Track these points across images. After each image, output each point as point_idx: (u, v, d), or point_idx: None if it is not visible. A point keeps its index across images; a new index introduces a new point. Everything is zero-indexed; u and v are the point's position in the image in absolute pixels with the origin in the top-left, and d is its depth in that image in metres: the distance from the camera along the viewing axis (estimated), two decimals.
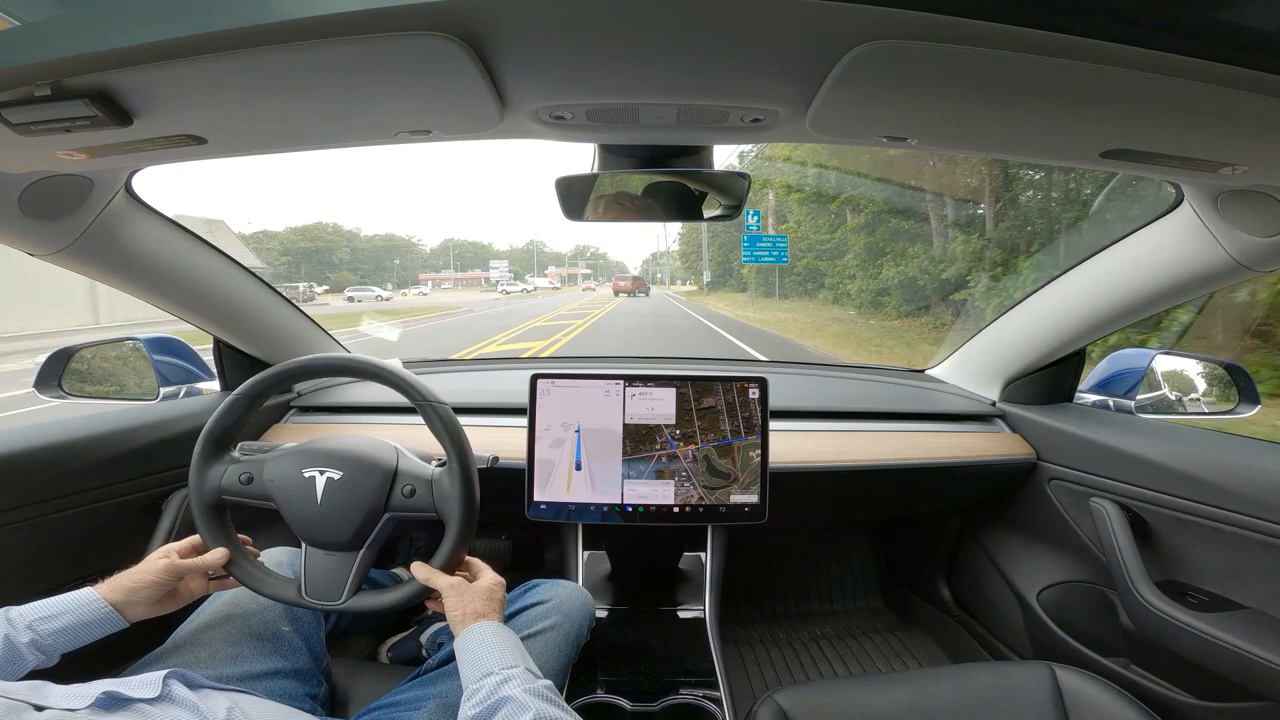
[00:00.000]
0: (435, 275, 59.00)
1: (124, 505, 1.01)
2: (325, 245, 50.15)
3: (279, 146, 0.70)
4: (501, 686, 0.60)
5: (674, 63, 0.51)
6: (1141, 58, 0.44)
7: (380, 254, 56.31)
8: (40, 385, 1.16)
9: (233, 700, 0.62)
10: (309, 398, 1.38)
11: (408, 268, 59.69)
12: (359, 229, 66.38)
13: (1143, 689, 1.03)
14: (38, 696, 0.52)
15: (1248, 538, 0.90)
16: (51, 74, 0.49)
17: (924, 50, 0.45)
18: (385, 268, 55.51)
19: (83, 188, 0.80)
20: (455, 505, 0.75)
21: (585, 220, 0.88)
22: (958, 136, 0.67)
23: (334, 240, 51.85)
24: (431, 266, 67.51)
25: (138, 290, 1.03)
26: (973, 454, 1.26)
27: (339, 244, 51.65)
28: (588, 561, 1.22)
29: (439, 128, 0.65)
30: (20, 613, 0.64)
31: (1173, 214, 0.90)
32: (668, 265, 47.56)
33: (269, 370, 0.81)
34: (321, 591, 0.76)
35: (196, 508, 0.78)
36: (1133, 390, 1.23)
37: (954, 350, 1.53)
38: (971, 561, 1.49)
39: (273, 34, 0.45)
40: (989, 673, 0.89)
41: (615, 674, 0.95)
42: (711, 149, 0.80)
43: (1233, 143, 0.60)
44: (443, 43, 0.46)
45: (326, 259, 51.24)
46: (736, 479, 1.05)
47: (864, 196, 12.22)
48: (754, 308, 16.05)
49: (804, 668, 1.50)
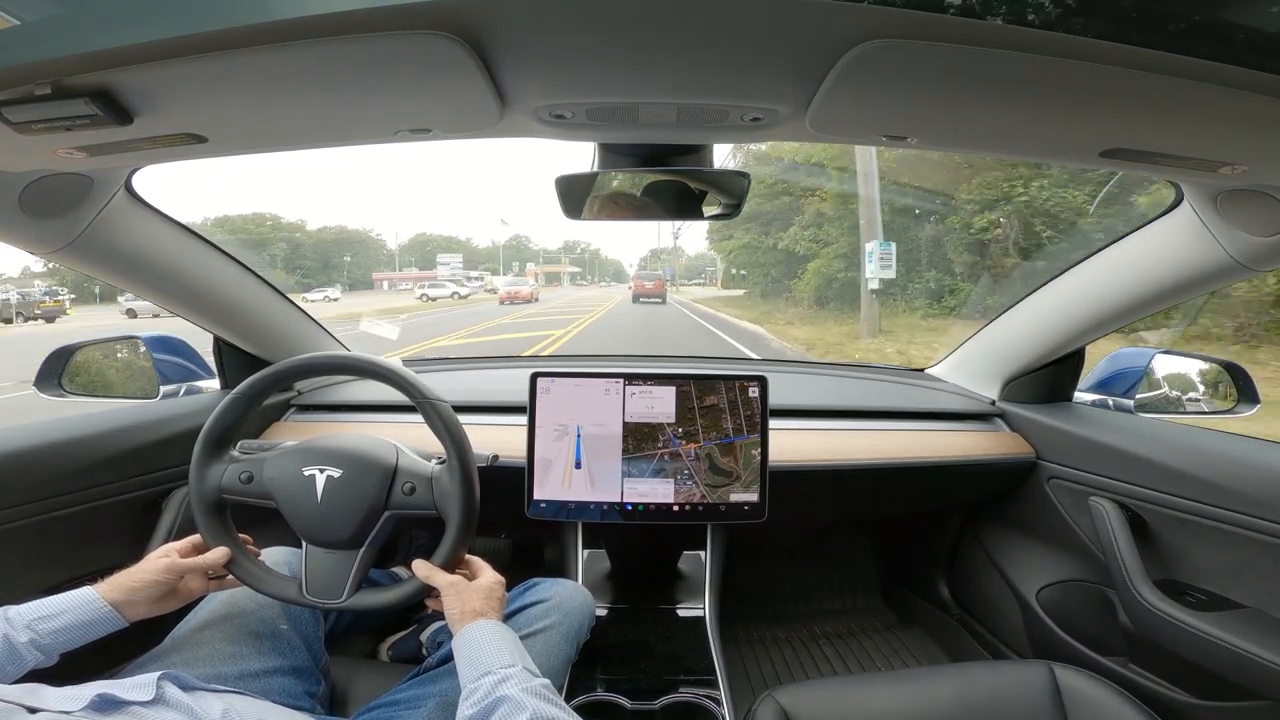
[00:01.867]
0: (394, 275, 49.47)
1: (124, 504, 1.01)
2: (255, 239, 42.05)
3: (279, 145, 0.70)
4: (499, 686, 0.60)
5: (674, 62, 0.52)
6: (1141, 58, 0.44)
7: (328, 250, 47.95)
8: (40, 384, 1.16)
9: (228, 702, 0.62)
10: (309, 396, 1.38)
11: (364, 265, 51.75)
12: (303, 221, 56.16)
13: (1142, 688, 1.03)
14: (32, 699, 0.52)
15: (1247, 537, 0.90)
16: (52, 73, 0.49)
17: (924, 50, 0.45)
18: (334, 265, 47.85)
19: (83, 186, 0.80)
20: (455, 502, 0.75)
21: (585, 219, 0.89)
22: (957, 136, 0.67)
23: (268, 234, 43.56)
24: (403, 263, 57.98)
25: (138, 288, 1.03)
26: (972, 453, 1.26)
27: (273, 238, 43.39)
28: (587, 560, 1.22)
29: (439, 126, 0.65)
30: (19, 612, 0.64)
31: (1172, 214, 0.90)
32: (672, 263, 43.73)
33: (269, 369, 0.81)
34: (322, 590, 0.76)
35: (197, 507, 0.78)
36: (1132, 389, 1.23)
37: (954, 349, 1.53)
38: (971, 561, 1.49)
39: (273, 33, 0.45)
40: (988, 672, 0.89)
41: (615, 672, 0.96)
42: (711, 148, 0.80)
43: (1232, 143, 0.60)
44: (443, 42, 0.46)
45: (255, 256, 41.37)
46: (739, 477, 1.05)
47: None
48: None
49: (804, 667, 1.50)
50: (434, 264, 57.49)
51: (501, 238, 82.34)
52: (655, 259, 58.04)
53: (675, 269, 42.47)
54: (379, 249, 58.36)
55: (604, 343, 9.94)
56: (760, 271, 16.38)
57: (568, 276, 69.60)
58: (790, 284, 14.28)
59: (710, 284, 55.94)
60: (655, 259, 58.04)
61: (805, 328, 11.05)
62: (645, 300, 20.76)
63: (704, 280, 56.89)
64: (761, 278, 16.49)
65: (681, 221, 1.04)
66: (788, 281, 14.47)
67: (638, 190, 0.86)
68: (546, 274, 67.62)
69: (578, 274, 74.80)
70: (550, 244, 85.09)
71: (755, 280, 17.32)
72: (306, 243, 45.96)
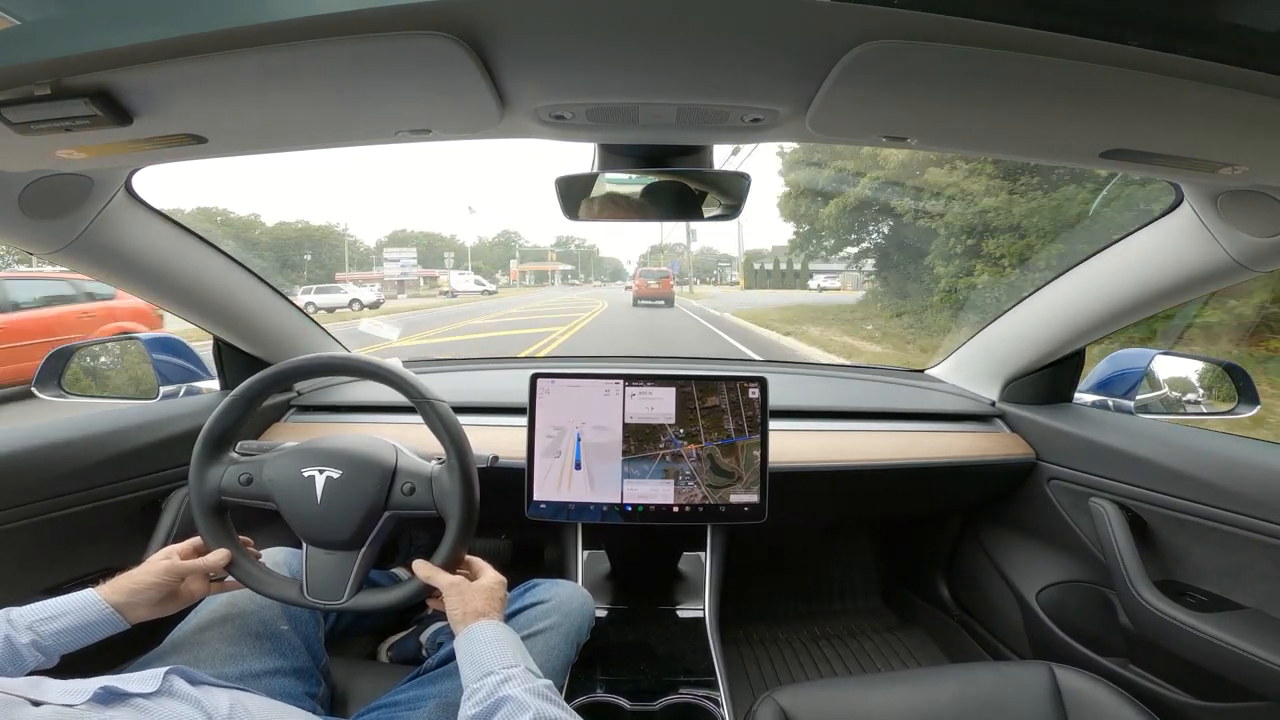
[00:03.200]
0: (360, 275, 39.10)
1: (124, 505, 1.01)
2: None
3: (279, 145, 0.70)
4: (502, 686, 0.60)
5: (674, 62, 0.52)
6: (1141, 58, 0.44)
7: (286, 248, 41.73)
8: (40, 385, 1.16)
9: (234, 697, 0.62)
10: (309, 397, 1.38)
11: (326, 264, 43.33)
12: (257, 215, 48.34)
13: (1141, 689, 1.03)
14: (35, 692, 0.52)
15: (1247, 538, 0.90)
16: (51, 73, 0.49)
17: (924, 50, 0.45)
18: (293, 264, 41.55)
19: (83, 187, 0.80)
20: (455, 502, 0.75)
21: (585, 219, 0.89)
22: (957, 136, 0.67)
23: (215, 230, 38.03)
24: (375, 262, 47.57)
25: (138, 289, 1.03)
26: (972, 454, 1.26)
27: (221, 235, 37.17)
28: (587, 561, 1.22)
29: (439, 127, 0.65)
30: (21, 613, 0.64)
31: (1172, 214, 0.90)
32: (680, 261, 39.50)
33: (268, 370, 0.81)
34: (323, 591, 0.76)
35: (197, 509, 0.78)
36: (1132, 390, 1.23)
37: (954, 350, 1.53)
38: (971, 561, 1.49)
39: (273, 33, 0.45)
40: (988, 672, 0.89)
41: (615, 673, 0.95)
42: (711, 148, 0.81)
43: (1233, 143, 0.60)
44: (443, 42, 0.46)
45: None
46: (740, 478, 1.05)
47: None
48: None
49: (804, 668, 1.50)
50: (425, 261, 49.31)
51: (490, 233, 72.77)
52: (656, 255, 53.45)
53: (683, 265, 37.34)
54: (348, 246, 49.94)
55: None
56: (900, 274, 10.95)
57: (558, 276, 61.21)
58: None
59: (719, 284, 50.72)
60: (656, 255, 53.45)
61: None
62: (648, 303, 16.70)
63: (715, 279, 52.37)
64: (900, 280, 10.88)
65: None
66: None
67: (637, 191, 0.86)
68: (535, 273, 61.12)
69: (570, 272, 66.71)
70: (544, 240, 76.43)
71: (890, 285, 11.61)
72: (264, 240, 41.30)
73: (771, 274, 35.88)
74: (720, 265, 56.60)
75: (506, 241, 73.86)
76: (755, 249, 47.17)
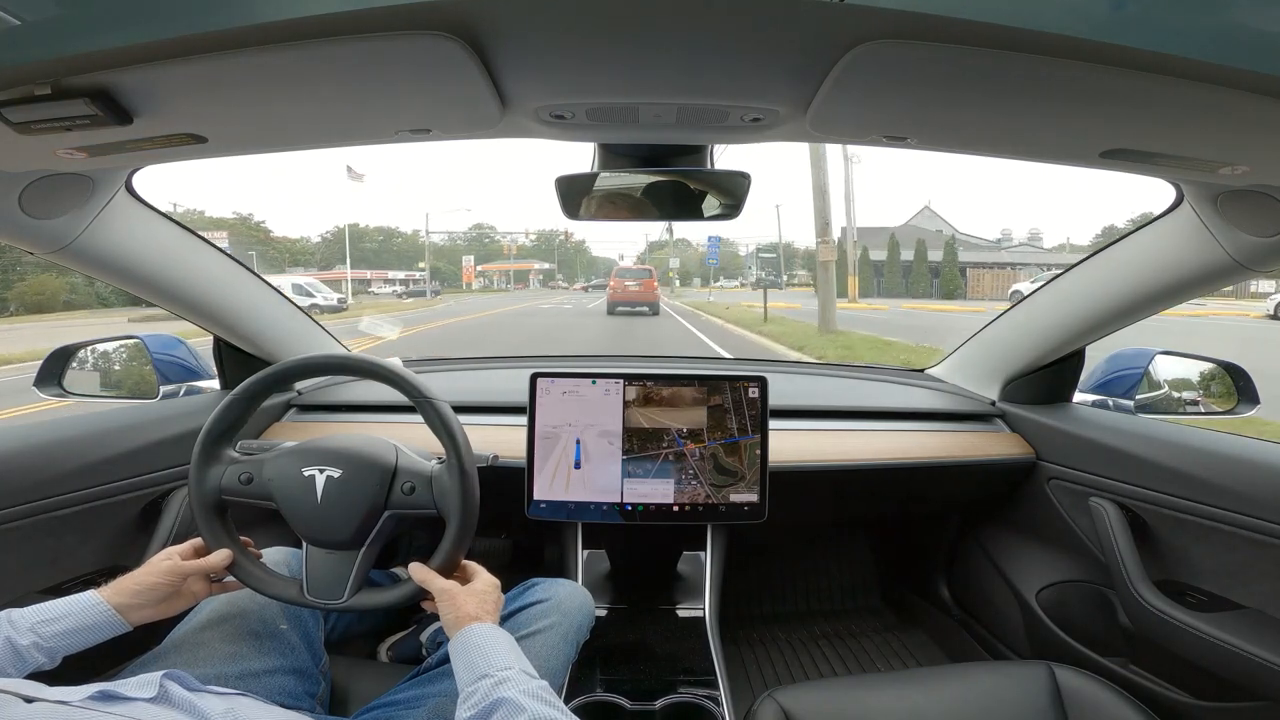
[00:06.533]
0: (317, 275, 30.60)
1: (124, 504, 1.01)
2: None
3: (279, 145, 0.70)
4: (497, 688, 0.60)
5: (674, 62, 0.52)
6: (1141, 58, 0.44)
7: (231, 246, 37.76)
8: (40, 384, 1.16)
9: (230, 703, 0.62)
10: (309, 396, 1.38)
11: (276, 262, 38.80)
12: (201, 211, 41.06)
13: (1141, 688, 1.03)
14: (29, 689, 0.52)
15: (1247, 537, 0.90)
16: (52, 73, 0.49)
17: (924, 50, 0.45)
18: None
19: (83, 186, 0.80)
20: (455, 501, 0.75)
21: (584, 219, 0.89)
22: (957, 136, 0.67)
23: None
24: (323, 263, 42.30)
25: (138, 288, 1.03)
26: (972, 453, 1.26)
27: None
28: (587, 560, 1.22)
29: (439, 127, 0.65)
30: (22, 615, 0.64)
31: (1172, 214, 0.90)
32: (677, 260, 35.35)
33: (268, 369, 0.81)
34: (323, 590, 0.76)
35: (197, 509, 0.78)
36: (1132, 390, 1.23)
37: (954, 350, 1.53)
38: (971, 561, 1.49)
39: (273, 33, 0.45)
40: (988, 672, 0.89)
41: (615, 673, 0.95)
42: (711, 148, 0.81)
43: (1232, 143, 0.60)
44: (443, 42, 0.46)
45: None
46: (743, 477, 1.05)
47: None
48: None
49: (804, 667, 1.50)
50: (370, 263, 43.63)
51: (462, 226, 60.27)
52: (653, 255, 48.17)
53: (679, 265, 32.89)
54: (292, 246, 44.58)
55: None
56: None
57: (536, 279, 52.90)
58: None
59: (741, 285, 36.41)
60: (653, 255, 48.17)
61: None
62: (627, 309, 14.44)
63: (740, 283, 38.87)
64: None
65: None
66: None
67: (637, 190, 0.86)
68: (515, 272, 52.04)
69: (549, 273, 56.05)
70: (522, 234, 62.30)
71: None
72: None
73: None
74: (747, 269, 44.39)
75: (479, 236, 64.00)
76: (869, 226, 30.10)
